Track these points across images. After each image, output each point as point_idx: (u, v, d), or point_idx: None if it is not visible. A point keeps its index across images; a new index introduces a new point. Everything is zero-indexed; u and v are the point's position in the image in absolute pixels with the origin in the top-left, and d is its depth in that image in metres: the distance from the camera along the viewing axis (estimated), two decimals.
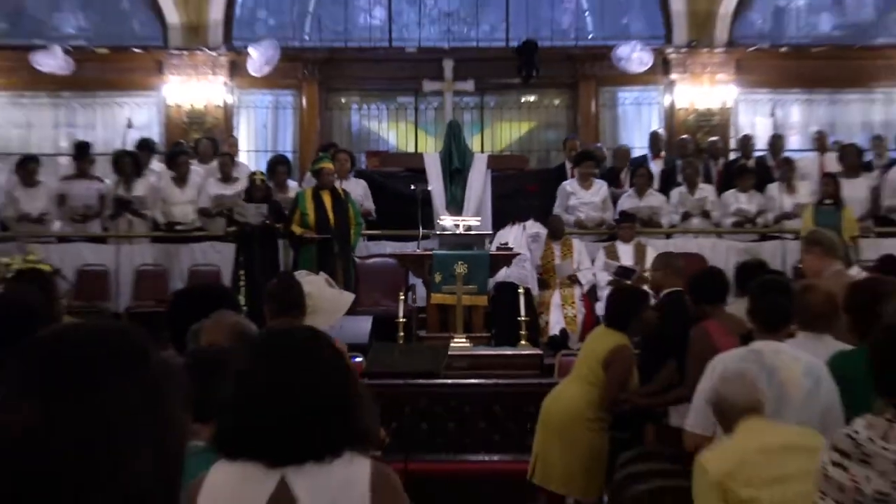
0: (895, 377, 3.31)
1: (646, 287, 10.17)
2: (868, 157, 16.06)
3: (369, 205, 14.38)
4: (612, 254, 13.46)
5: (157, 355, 1.90)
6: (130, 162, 14.12)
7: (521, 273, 13.04)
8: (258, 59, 16.87)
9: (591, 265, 13.58)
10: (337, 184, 13.29)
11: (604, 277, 13.32)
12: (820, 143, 15.72)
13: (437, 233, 12.89)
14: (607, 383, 8.09)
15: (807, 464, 4.75)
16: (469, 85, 16.84)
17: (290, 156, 16.52)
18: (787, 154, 15.50)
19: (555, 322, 13.18)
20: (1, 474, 1.77)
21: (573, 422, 8.04)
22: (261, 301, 6.96)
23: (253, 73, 17.02)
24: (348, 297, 7.06)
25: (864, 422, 3.10)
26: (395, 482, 3.16)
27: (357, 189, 14.18)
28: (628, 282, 12.24)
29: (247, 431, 3.09)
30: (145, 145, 15.39)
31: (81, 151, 14.99)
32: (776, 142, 15.75)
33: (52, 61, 16.73)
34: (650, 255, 13.06)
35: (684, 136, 16.45)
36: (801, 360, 5.45)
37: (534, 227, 13.38)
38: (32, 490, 1.78)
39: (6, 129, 17.60)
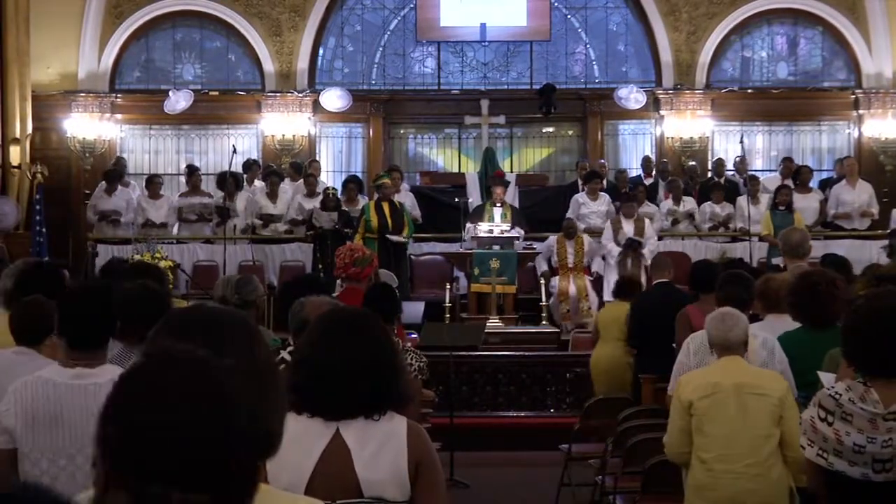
0: (865, 353, 3.22)
1: None
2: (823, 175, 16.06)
3: (416, 213, 14.28)
4: (617, 225, 13.38)
5: (262, 336, 1.91)
6: (232, 180, 14.11)
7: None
8: (331, 99, 16.95)
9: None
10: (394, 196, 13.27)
11: (615, 248, 13.23)
12: (786, 168, 15.33)
13: (476, 235, 12.87)
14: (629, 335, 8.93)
15: (758, 403, 4.74)
16: (501, 119, 16.76)
17: (360, 175, 16.49)
18: (752, 173, 15.40)
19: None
20: (168, 414, 1.73)
21: (619, 365, 8.86)
22: (334, 286, 7.01)
23: (329, 110, 17.10)
24: None
25: (844, 385, 3.01)
26: (426, 436, 3.12)
27: (407, 200, 14.14)
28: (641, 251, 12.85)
29: (311, 391, 3.03)
30: (251, 165, 15.48)
31: (191, 172, 15.10)
32: (740, 163, 15.71)
33: (174, 102, 16.83)
34: (648, 229, 13.12)
35: (685, 161, 16.47)
36: (759, 336, 5.44)
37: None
38: (176, 431, 1.74)
39: (139, 154, 17.67)
